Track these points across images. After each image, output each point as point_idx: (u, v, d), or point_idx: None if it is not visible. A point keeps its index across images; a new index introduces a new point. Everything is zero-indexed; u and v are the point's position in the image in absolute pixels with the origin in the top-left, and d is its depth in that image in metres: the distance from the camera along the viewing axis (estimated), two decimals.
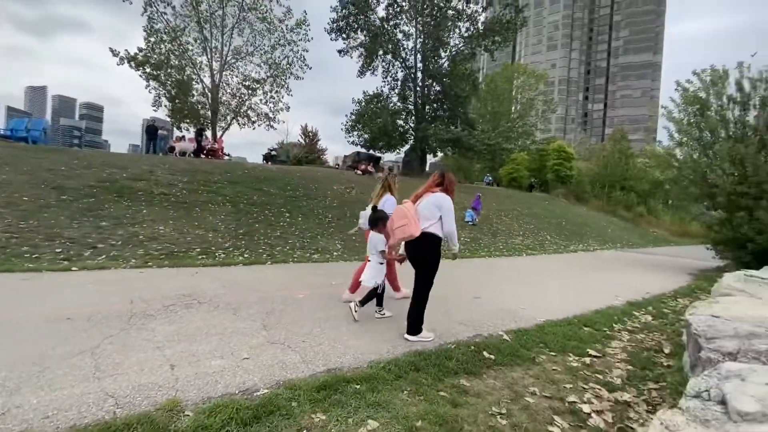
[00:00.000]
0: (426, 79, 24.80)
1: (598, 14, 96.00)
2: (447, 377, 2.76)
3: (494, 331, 3.92)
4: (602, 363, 3.35)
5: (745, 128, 10.37)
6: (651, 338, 4.20)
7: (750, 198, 9.44)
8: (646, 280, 8.38)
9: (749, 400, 1.46)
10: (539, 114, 37.24)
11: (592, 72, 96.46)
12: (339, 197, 13.26)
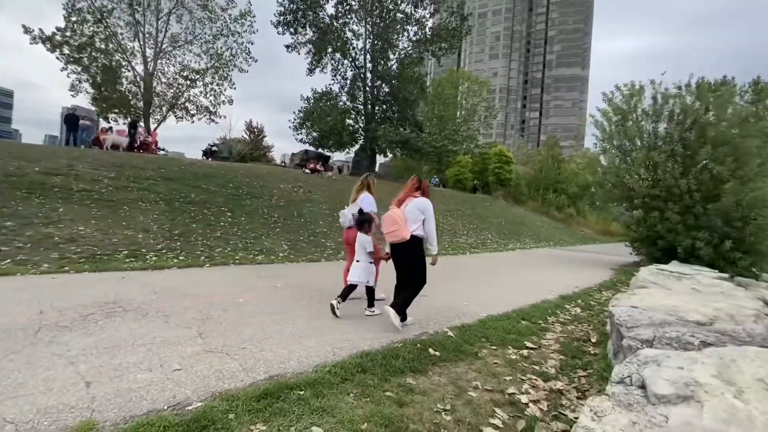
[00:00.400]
0: (375, 80, 24.91)
1: (535, 29, 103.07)
2: (394, 377, 2.75)
3: (439, 328, 3.99)
4: (538, 354, 3.54)
5: (657, 138, 11.67)
6: (580, 329, 4.53)
7: (661, 200, 10.64)
8: (575, 275, 9.10)
9: (664, 383, 1.60)
10: (482, 119, 39.04)
11: (529, 82, 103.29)
12: (286, 196, 12.85)
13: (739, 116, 10.72)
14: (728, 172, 9.70)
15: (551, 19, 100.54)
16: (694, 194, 9.99)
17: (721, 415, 1.39)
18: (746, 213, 9.42)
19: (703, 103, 10.94)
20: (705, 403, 1.45)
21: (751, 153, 10.03)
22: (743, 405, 1.42)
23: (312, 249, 8.93)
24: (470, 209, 21.42)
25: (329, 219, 11.96)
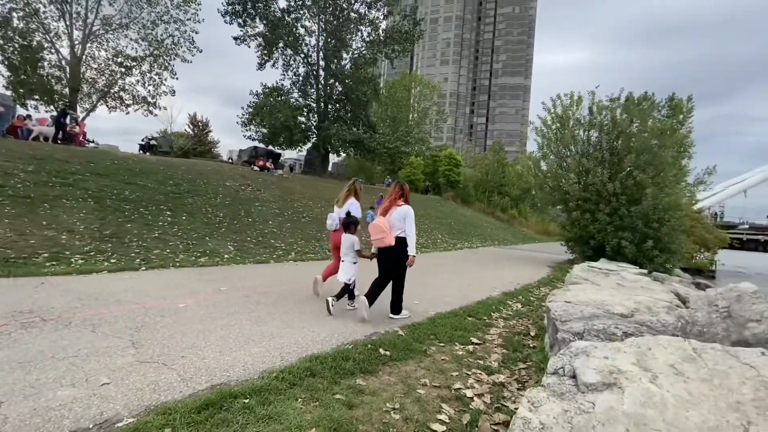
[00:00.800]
0: (329, 78, 24.63)
1: (483, 38, 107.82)
2: (344, 379, 2.73)
3: (390, 327, 4.03)
4: (483, 349, 3.70)
5: (589, 145, 12.72)
6: (521, 323, 4.81)
7: (592, 203, 11.61)
8: (517, 272, 9.65)
9: (592, 372, 1.74)
10: (433, 123, 40.10)
11: (477, 89, 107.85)
12: (233, 195, 12.27)
13: (658, 129, 12.00)
14: (648, 179, 10.82)
15: (498, 30, 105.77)
16: (620, 198, 11.02)
17: (639, 399, 1.54)
18: (662, 216, 10.58)
19: (629, 116, 12.10)
20: (626, 389, 1.60)
21: (667, 162, 11.27)
22: (657, 389, 1.59)
23: (260, 250, 8.61)
24: (422, 210, 21.90)
25: (279, 219, 11.62)
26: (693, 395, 1.55)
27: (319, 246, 10.20)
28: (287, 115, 22.41)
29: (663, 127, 12.49)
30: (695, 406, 1.48)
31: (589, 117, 12.59)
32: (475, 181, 38.34)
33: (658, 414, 1.45)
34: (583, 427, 1.46)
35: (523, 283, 8.05)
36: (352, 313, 4.48)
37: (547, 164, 13.91)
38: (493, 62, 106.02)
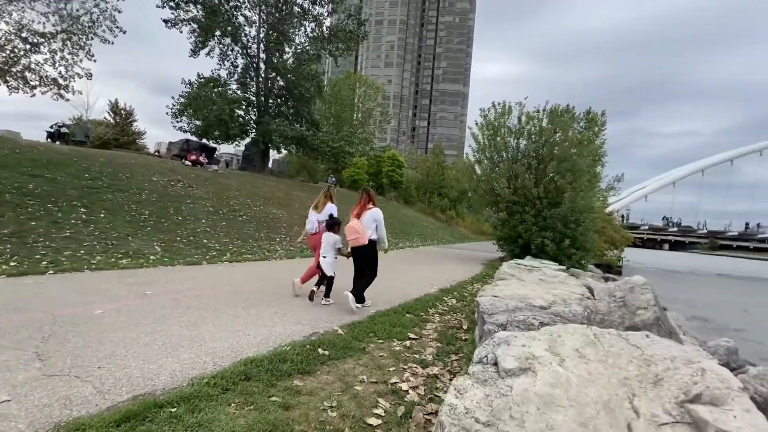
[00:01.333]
0: (270, 72, 23.77)
1: (425, 44, 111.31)
2: (280, 380, 2.69)
3: (330, 326, 4.04)
4: (419, 344, 3.86)
5: (519, 152, 13.75)
6: (455, 318, 5.08)
7: (520, 206, 12.56)
8: (454, 270, 10.14)
9: (511, 359, 1.92)
10: (377, 124, 40.53)
11: (419, 93, 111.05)
12: (160, 191, 11.35)
13: (576, 139, 13.32)
14: (567, 184, 11.98)
15: (439, 37, 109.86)
16: (544, 201, 12.07)
17: (549, 381, 1.73)
18: (578, 217, 11.78)
19: (553, 126, 13.28)
20: (538, 372, 1.79)
21: (583, 170, 12.57)
22: (564, 371, 1.80)
23: (191, 251, 8.08)
24: None
25: (213, 217, 11.00)
26: (592, 374, 1.78)
27: (257, 246, 9.84)
28: (224, 107, 21.22)
29: (581, 137, 13.91)
30: (593, 384, 1.71)
31: (518, 126, 13.60)
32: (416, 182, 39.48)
33: (563, 392, 1.65)
34: (501, 409, 1.62)
35: (458, 280, 8.48)
36: (293, 313, 4.40)
37: (481, 169, 14.78)
38: (435, 68, 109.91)
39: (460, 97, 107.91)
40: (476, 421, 1.56)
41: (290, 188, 19.64)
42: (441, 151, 45.24)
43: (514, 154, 13.65)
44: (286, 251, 10.02)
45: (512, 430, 1.50)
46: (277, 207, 14.89)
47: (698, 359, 1.80)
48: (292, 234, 12.39)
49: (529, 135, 13.63)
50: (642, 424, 1.48)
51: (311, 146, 24.36)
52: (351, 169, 31.88)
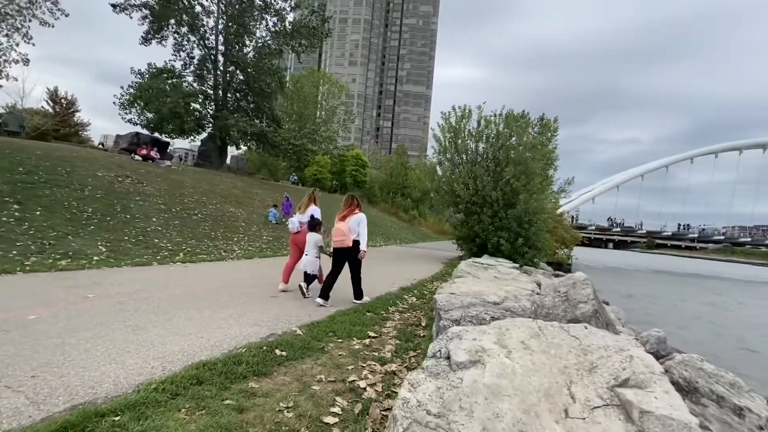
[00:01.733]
0: (228, 65, 22.91)
1: (390, 44, 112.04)
2: (235, 383, 2.62)
3: (289, 327, 3.98)
4: (378, 342, 3.90)
5: (478, 155, 14.21)
6: (414, 315, 5.19)
7: (478, 206, 13.00)
8: (415, 269, 10.32)
9: (463, 353, 2.00)
10: (341, 122, 40.26)
11: (383, 93, 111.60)
12: (106, 187, 10.60)
13: (530, 143, 13.98)
14: (522, 186, 12.56)
15: (403, 39, 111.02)
16: (500, 202, 12.57)
17: (497, 371, 1.83)
18: (531, 218, 12.38)
19: (509, 130, 13.86)
20: (487, 364, 1.88)
21: (536, 173, 13.22)
22: (510, 362, 1.91)
23: (141, 251, 7.63)
24: (328, 209, 21.84)
25: (165, 216, 10.45)
26: (535, 364, 1.90)
27: (213, 246, 9.47)
28: (178, 100, 20.17)
29: (535, 142, 14.63)
30: (536, 373, 1.83)
31: (477, 129, 14.07)
32: (380, 182, 39.68)
33: (509, 382, 1.75)
34: (452, 400, 1.69)
35: (419, 278, 8.64)
36: (250, 314, 4.29)
37: (443, 170, 15.14)
38: (399, 69, 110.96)
39: (423, 99, 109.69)
40: (428, 413, 1.61)
41: (249, 186, 19.04)
42: (404, 151, 45.76)
43: (474, 156, 14.10)
44: (245, 251, 9.72)
45: (461, 420, 1.57)
46: (235, 205, 14.40)
47: (628, 348, 1.98)
48: (250, 233, 12.03)
49: (487, 138, 14.13)
50: (577, 408, 1.61)
51: (272, 143, 23.77)
52: (313, 167, 31.43)
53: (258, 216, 14.38)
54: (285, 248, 11.49)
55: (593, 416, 1.55)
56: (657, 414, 1.48)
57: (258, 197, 17.18)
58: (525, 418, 1.55)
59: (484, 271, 6.18)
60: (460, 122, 14.64)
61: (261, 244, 11.16)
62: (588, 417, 1.55)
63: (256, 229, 12.80)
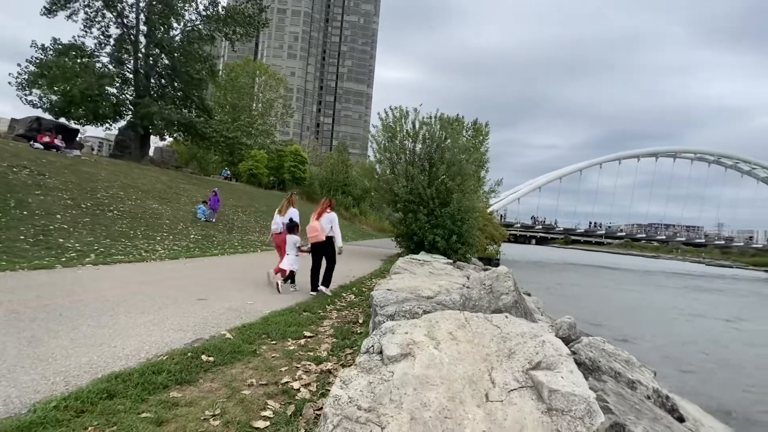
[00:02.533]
0: (152, 48, 20.91)
1: (330, 40, 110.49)
2: (154, 394, 2.41)
3: (217, 331, 3.76)
4: (314, 341, 3.85)
5: (414, 155, 14.61)
6: (352, 313, 5.20)
7: (415, 205, 13.38)
8: (355, 266, 10.33)
9: (394, 346, 2.05)
10: (279, 116, 38.85)
11: (324, 89, 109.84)
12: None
13: (464, 146, 14.73)
14: (455, 186, 13.18)
15: (344, 36, 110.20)
16: (435, 201, 13.08)
17: (426, 363, 1.90)
18: (464, 216, 13.06)
19: (443, 132, 14.44)
20: (417, 356, 1.95)
21: (469, 174, 13.97)
22: (438, 352, 2.00)
23: (41, 252, 6.68)
24: (266, 205, 20.96)
25: (73, 212, 9.28)
26: (461, 353, 2.01)
27: (132, 246, 8.62)
28: (90, 82, 17.96)
29: (468, 145, 15.45)
30: (461, 362, 1.93)
31: (413, 130, 14.47)
32: (320, 179, 39.02)
33: (437, 372, 1.83)
34: (383, 394, 1.72)
35: (358, 276, 8.67)
36: (174, 319, 3.98)
37: (381, 169, 15.34)
38: (340, 66, 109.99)
39: (364, 97, 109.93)
40: (359, 408, 1.63)
41: (176, 180, 17.59)
42: (345, 149, 45.53)
43: (411, 156, 14.48)
44: (169, 251, 8.98)
45: (391, 412, 1.61)
46: (158, 201, 13.22)
47: (541, 334, 2.17)
48: (176, 232, 11.15)
49: (423, 139, 14.59)
50: (496, 391, 1.73)
51: (201, 134, 22.18)
52: (249, 162, 29.91)
53: (185, 213, 13.36)
54: (216, 247, 10.81)
55: (510, 398, 1.69)
56: (563, 392, 1.65)
57: (186, 193, 15.94)
58: (450, 405, 1.64)
59: (420, 267, 6.39)
60: (397, 123, 14.93)
61: (188, 243, 10.39)
62: (505, 399, 1.68)
63: (183, 227, 11.88)
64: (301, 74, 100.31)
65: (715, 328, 15.05)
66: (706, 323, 15.90)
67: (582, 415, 1.57)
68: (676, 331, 13.73)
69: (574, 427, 1.54)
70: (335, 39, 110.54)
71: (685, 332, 13.63)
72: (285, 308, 4.93)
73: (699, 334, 13.55)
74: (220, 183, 23.06)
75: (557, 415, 1.58)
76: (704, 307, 20.91)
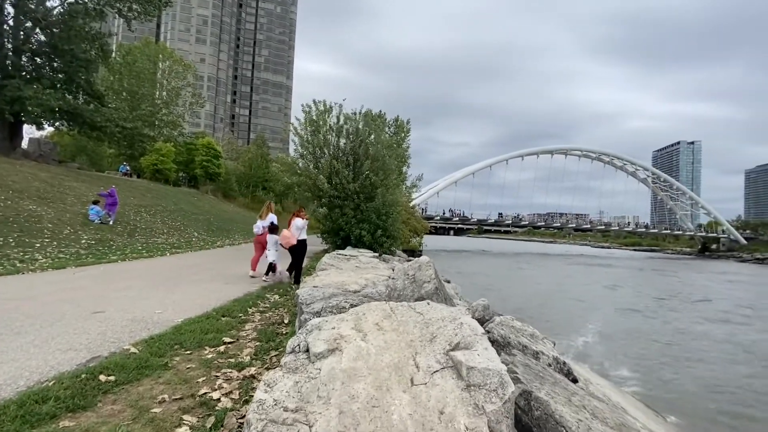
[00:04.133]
0: (23, 20, 17.49)
1: (245, 27, 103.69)
2: (38, 427, 2.06)
3: (119, 346, 3.33)
4: (236, 347, 3.62)
5: (339, 150, 14.48)
6: (277, 314, 5.00)
7: (340, 200, 13.31)
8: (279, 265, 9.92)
9: (321, 343, 2.02)
10: (187, 106, 35.41)
11: (239, 79, 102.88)
12: None
13: (387, 142, 15.00)
14: (379, 181, 13.40)
15: (260, 24, 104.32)
16: (360, 196, 13.16)
17: (353, 355, 1.91)
18: (388, 210, 13.36)
19: (367, 128, 14.54)
20: (344, 350, 1.95)
21: (392, 170, 14.31)
22: (365, 344, 2.02)
23: None
24: (173, 204, 19.05)
25: None
26: (387, 342, 2.06)
27: (2, 255, 7.19)
28: None
29: (391, 141, 15.80)
30: (388, 351, 1.98)
31: (337, 125, 14.35)
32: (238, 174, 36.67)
33: (364, 363, 1.85)
34: (311, 392, 1.69)
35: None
36: (59, 340, 3.42)
37: (304, 164, 14.94)
38: (256, 55, 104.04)
39: (284, 89, 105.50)
40: (285, 410, 1.58)
41: (59, 178, 15.07)
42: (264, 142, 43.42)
43: (335, 151, 14.34)
44: (53, 260, 7.69)
45: (319, 409, 1.59)
46: (36, 202, 11.22)
47: (459, 317, 2.33)
48: (62, 237, 9.59)
49: (347, 134, 14.54)
50: (420, 375, 1.81)
51: (91, 124, 19.27)
52: (153, 156, 26.81)
53: (73, 215, 11.53)
54: (114, 252, 9.55)
55: (433, 380, 1.78)
56: (479, 368, 1.79)
57: (73, 192, 13.75)
58: (377, 393, 1.67)
59: (346, 262, 6.40)
60: (320, 117, 14.65)
61: (78, 250, 9.01)
62: (429, 381, 1.77)
63: (71, 231, 10.25)
64: (212, 61, 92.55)
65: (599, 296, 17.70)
66: (592, 293, 18.62)
67: (496, 387, 1.72)
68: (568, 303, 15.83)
69: (489, 398, 1.68)
70: (250, 26, 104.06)
71: (573, 305, 15.79)
72: (201, 314, 4.55)
73: (584, 304, 15.79)
74: (118, 180, 20.33)
75: (475, 390, 1.71)
76: (588, 280, 24.44)
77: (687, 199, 75.85)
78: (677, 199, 75.56)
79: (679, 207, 75.61)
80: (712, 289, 23.72)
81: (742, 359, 9.30)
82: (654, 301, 17.52)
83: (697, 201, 76.19)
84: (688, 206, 75.87)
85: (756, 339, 11.43)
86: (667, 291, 21.46)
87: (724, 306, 16.99)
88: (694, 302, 17.91)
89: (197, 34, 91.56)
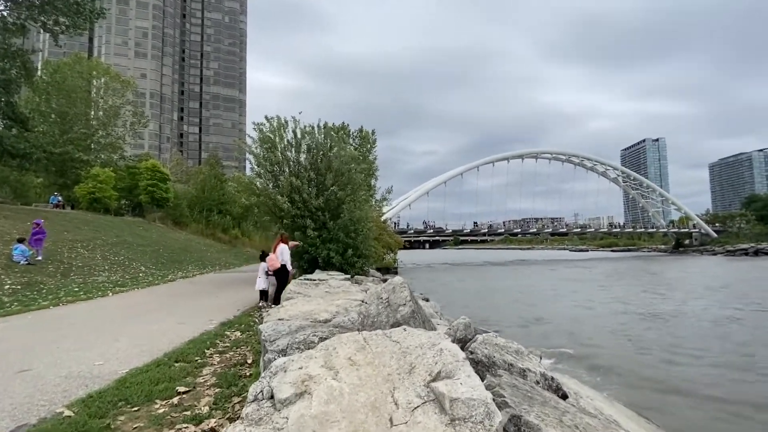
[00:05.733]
0: None
1: (190, 39, 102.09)
2: None
3: (50, 410, 3.03)
4: (192, 396, 3.40)
5: (299, 166, 14.34)
6: (239, 353, 4.77)
7: (303, 219, 13.11)
8: (239, 297, 9.57)
9: (287, 387, 1.92)
10: (128, 126, 34.08)
11: (186, 94, 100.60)
12: None
13: (351, 155, 15.03)
14: (346, 195, 13.35)
15: (207, 35, 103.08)
16: (325, 213, 13.03)
17: (324, 398, 1.82)
18: (357, 227, 13.29)
19: (328, 141, 14.53)
20: (314, 393, 1.86)
21: (359, 184, 14.30)
22: (338, 383, 1.94)
23: None
24: (115, 236, 18.04)
25: None
26: (362, 379, 1.99)
27: None
28: None
29: (355, 154, 15.86)
30: (363, 388, 1.91)
31: (296, 139, 14.25)
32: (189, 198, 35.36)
33: (337, 406, 1.77)
34: None
35: (243, 308, 8.05)
36: None
37: (262, 183, 14.67)
38: (204, 68, 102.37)
39: (237, 103, 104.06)
40: None
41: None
42: (218, 161, 42.33)
43: (295, 167, 14.18)
44: None
45: None
46: None
47: (439, 341, 2.29)
48: None
49: (308, 149, 14.46)
50: (400, 413, 1.75)
51: (12, 151, 18.10)
52: (89, 183, 25.36)
53: (2, 256, 10.65)
54: (44, 297, 8.86)
55: (414, 417, 1.72)
56: (463, 399, 1.75)
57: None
58: None
59: (315, 288, 6.25)
60: (275, 133, 14.49)
61: (1, 297, 8.28)
62: (410, 420, 1.71)
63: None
64: (155, 77, 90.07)
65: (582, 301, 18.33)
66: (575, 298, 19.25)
67: (482, 419, 1.68)
68: (549, 310, 16.24)
69: None
70: (196, 38, 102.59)
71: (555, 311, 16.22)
72: (150, 362, 4.26)
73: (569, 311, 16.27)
74: (48, 213, 19.06)
75: (460, 424, 1.67)
76: (571, 286, 25.29)
77: (657, 196, 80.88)
78: (648, 197, 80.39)
79: (651, 204, 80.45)
80: (689, 291, 25.18)
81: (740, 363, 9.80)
82: (635, 305, 18.34)
83: (667, 197, 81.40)
84: (659, 203, 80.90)
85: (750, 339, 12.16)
86: (645, 292, 22.56)
87: (710, 314, 18.02)
88: (674, 302, 18.91)
89: (136, 47, 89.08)
